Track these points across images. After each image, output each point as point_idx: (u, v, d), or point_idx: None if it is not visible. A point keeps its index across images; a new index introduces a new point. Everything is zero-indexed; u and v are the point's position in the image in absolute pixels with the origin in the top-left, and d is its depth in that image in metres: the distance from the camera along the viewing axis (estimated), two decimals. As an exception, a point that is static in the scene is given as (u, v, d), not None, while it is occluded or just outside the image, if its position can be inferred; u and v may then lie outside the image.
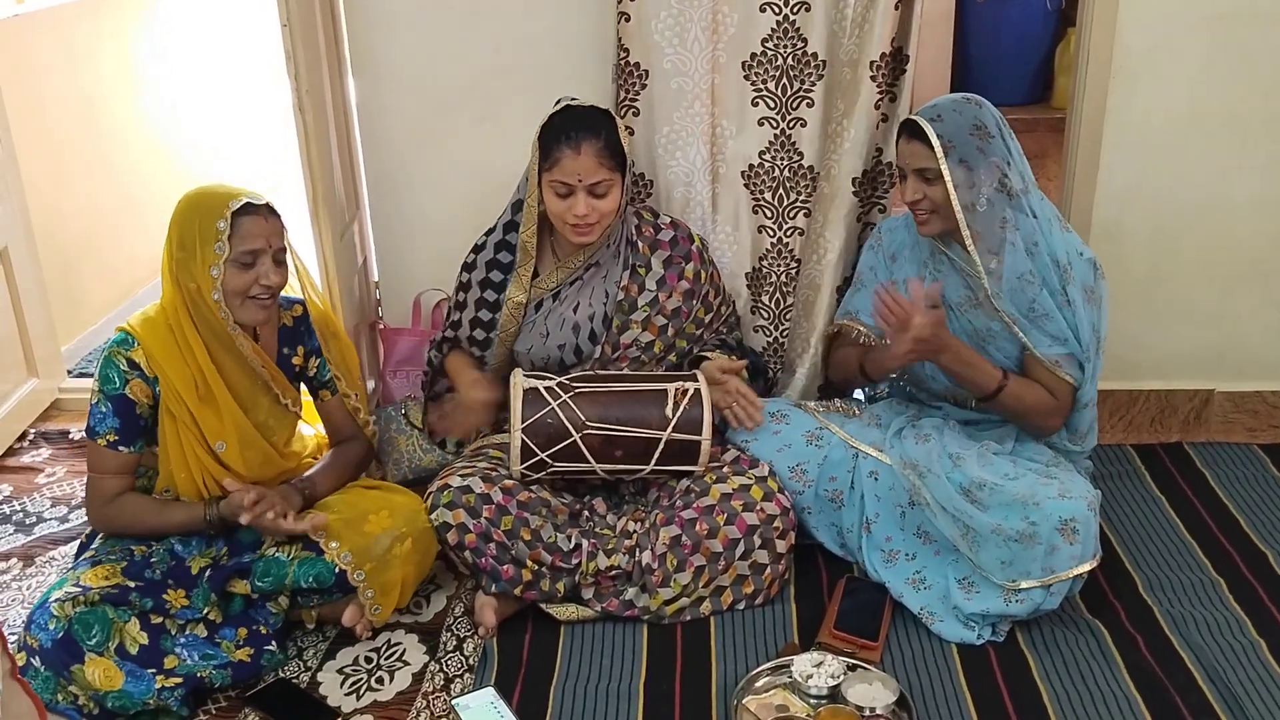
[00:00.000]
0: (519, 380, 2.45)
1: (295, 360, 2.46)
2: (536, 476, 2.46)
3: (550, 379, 2.47)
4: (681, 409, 2.43)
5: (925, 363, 2.47)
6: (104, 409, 2.27)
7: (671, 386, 2.47)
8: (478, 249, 2.61)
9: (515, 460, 2.41)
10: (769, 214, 2.82)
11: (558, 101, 2.49)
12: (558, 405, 2.41)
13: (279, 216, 2.29)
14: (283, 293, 2.37)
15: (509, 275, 2.56)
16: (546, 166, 2.42)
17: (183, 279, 2.24)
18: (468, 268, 2.62)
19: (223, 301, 2.23)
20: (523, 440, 2.39)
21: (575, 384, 2.46)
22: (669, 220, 2.67)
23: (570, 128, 2.41)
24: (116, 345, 2.28)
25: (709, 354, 2.66)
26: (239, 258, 2.22)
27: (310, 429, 2.62)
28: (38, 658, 2.09)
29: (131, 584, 2.23)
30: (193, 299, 2.25)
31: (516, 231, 2.54)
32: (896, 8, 2.62)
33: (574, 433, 2.40)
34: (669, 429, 2.42)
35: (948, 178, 2.31)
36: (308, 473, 2.48)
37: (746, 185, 2.81)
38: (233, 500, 2.28)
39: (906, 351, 2.35)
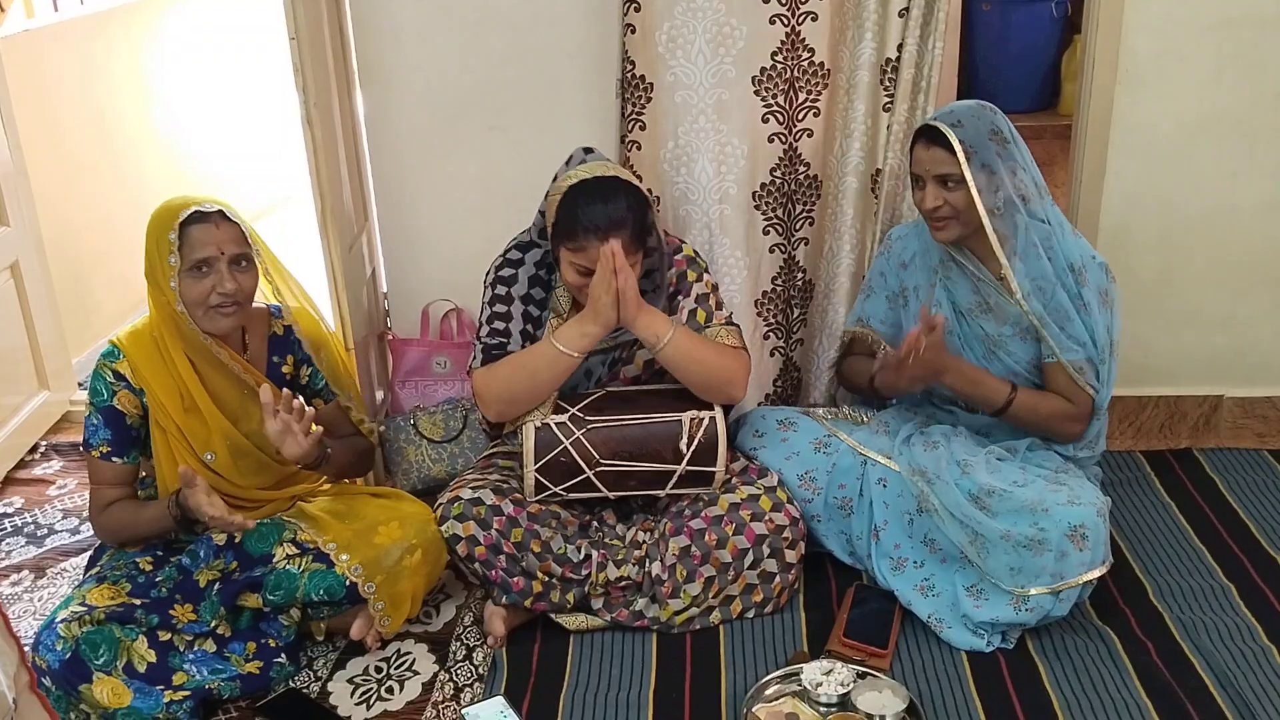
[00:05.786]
0: (529, 417, 2.40)
1: (285, 369, 2.46)
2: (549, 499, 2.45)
3: (563, 412, 2.41)
4: (696, 441, 2.40)
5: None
6: (95, 421, 2.30)
7: (686, 417, 2.41)
8: (514, 264, 2.48)
9: (530, 493, 2.41)
10: (780, 231, 2.80)
11: (570, 158, 2.37)
12: (570, 443, 2.38)
13: (235, 223, 2.26)
14: (276, 301, 2.39)
15: (544, 311, 2.48)
16: (571, 246, 2.30)
17: (153, 292, 2.27)
18: (504, 281, 2.47)
19: (186, 313, 2.24)
20: (536, 479, 2.39)
21: (588, 418, 2.40)
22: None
23: (597, 218, 2.25)
24: (103, 358, 2.30)
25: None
26: (192, 266, 2.22)
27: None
28: (47, 678, 2.09)
29: (137, 602, 2.24)
30: (166, 312, 2.27)
31: (539, 251, 2.46)
32: (901, 14, 2.62)
33: (587, 469, 2.39)
34: (684, 463, 2.40)
35: (971, 183, 2.30)
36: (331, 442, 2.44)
37: (758, 207, 2.78)
38: (184, 480, 2.20)
39: (908, 374, 2.36)
